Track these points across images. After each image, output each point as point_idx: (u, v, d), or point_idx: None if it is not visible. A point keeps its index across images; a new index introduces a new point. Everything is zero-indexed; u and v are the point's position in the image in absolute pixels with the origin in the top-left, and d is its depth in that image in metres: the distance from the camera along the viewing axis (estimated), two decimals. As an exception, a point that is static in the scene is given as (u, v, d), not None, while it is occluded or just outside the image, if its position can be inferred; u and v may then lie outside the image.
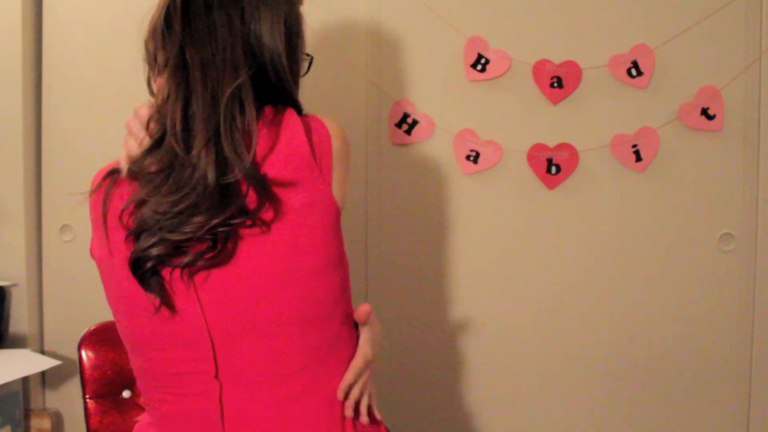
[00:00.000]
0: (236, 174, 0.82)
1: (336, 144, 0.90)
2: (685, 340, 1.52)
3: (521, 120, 1.52)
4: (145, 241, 0.83)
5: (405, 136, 1.54)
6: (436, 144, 1.54)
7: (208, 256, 0.83)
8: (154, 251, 0.82)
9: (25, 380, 1.55)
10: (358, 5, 1.53)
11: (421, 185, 1.55)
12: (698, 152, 1.49)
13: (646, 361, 1.53)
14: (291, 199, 0.85)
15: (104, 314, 1.41)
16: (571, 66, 1.50)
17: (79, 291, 1.59)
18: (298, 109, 0.94)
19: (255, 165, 0.83)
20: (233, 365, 0.86)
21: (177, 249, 0.83)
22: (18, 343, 1.57)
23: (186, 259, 0.83)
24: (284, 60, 0.92)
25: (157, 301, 0.85)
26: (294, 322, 0.87)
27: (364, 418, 0.92)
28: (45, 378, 1.62)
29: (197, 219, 0.81)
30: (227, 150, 0.83)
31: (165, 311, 0.86)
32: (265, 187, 0.83)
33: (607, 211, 1.52)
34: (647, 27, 1.48)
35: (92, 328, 1.36)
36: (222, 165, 0.83)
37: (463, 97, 1.52)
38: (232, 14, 0.90)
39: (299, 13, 0.99)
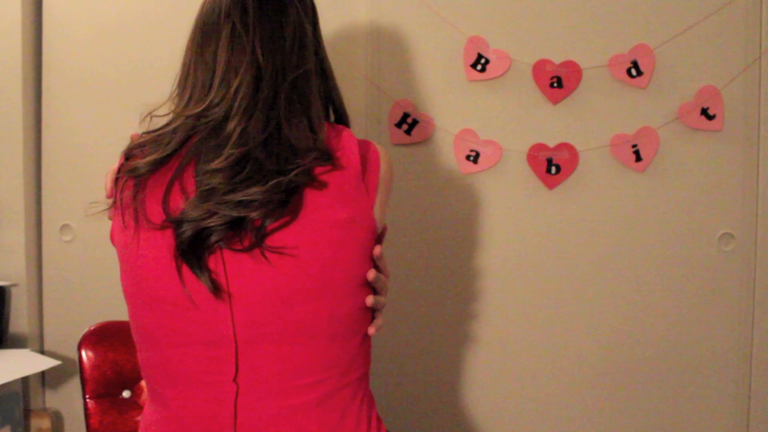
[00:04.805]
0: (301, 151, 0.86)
1: (383, 168, 0.94)
2: (684, 340, 1.52)
3: (521, 120, 1.52)
4: (200, 212, 0.82)
5: (405, 136, 1.54)
6: (436, 144, 1.54)
7: (275, 213, 0.83)
8: (215, 224, 0.82)
9: (25, 380, 1.55)
10: (358, 5, 1.53)
11: (421, 185, 1.55)
12: (698, 152, 1.50)
13: (646, 361, 1.53)
14: (336, 212, 0.87)
15: (104, 314, 1.42)
16: (571, 66, 1.50)
17: (79, 291, 1.59)
18: (347, 125, 1.00)
19: (317, 143, 0.87)
20: (252, 370, 0.86)
21: (238, 222, 0.83)
22: (18, 343, 1.57)
23: (255, 215, 0.82)
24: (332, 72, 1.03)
25: (198, 293, 0.84)
26: (318, 334, 0.87)
27: (370, 300, 0.92)
28: (45, 378, 1.62)
29: (255, 188, 0.83)
30: (287, 131, 0.87)
31: (193, 307, 0.85)
32: (329, 157, 0.87)
33: (607, 211, 1.52)
34: (647, 27, 1.48)
35: (92, 328, 1.36)
36: (283, 143, 0.87)
37: (463, 97, 1.52)
38: (302, 15, 0.96)
39: None
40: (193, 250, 0.83)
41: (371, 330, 0.94)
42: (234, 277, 0.85)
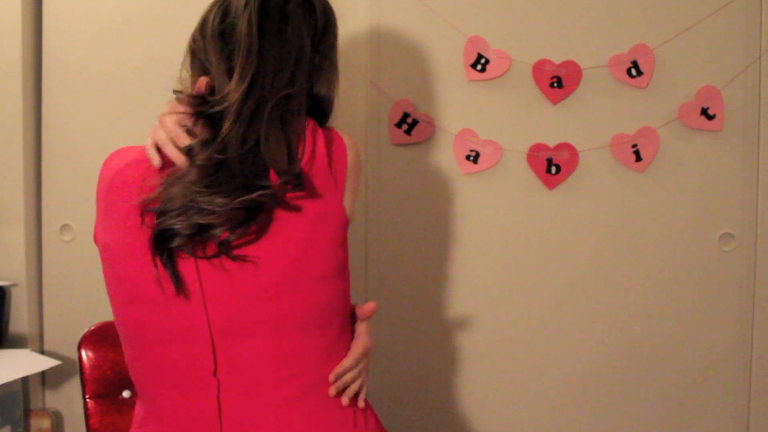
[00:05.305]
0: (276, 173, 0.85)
1: (350, 157, 0.94)
2: (684, 340, 1.52)
3: (521, 120, 1.52)
4: (171, 214, 0.83)
5: (405, 136, 1.54)
6: (436, 144, 1.54)
7: (238, 231, 0.83)
8: (179, 226, 0.83)
9: (25, 380, 1.55)
10: (358, 5, 1.53)
11: (421, 185, 1.55)
12: (698, 152, 1.50)
13: (646, 361, 1.53)
14: (305, 206, 0.87)
15: (104, 314, 1.41)
16: (571, 66, 1.50)
17: (79, 291, 1.58)
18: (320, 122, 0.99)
19: (294, 166, 0.86)
20: (232, 364, 0.87)
21: (201, 231, 0.84)
22: (18, 343, 1.57)
23: (218, 231, 0.83)
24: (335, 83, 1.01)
25: (170, 287, 0.85)
26: (295, 327, 0.88)
27: (345, 400, 0.92)
28: (45, 378, 1.61)
29: (220, 199, 0.83)
30: (266, 151, 0.86)
31: (168, 303, 0.86)
32: (300, 182, 0.86)
33: (607, 211, 1.52)
34: (647, 27, 1.48)
35: (92, 328, 1.36)
36: (260, 162, 0.86)
37: (463, 97, 1.52)
38: (303, 32, 0.95)
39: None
40: (162, 244, 0.85)
41: (344, 400, 0.92)
42: (206, 273, 0.86)
